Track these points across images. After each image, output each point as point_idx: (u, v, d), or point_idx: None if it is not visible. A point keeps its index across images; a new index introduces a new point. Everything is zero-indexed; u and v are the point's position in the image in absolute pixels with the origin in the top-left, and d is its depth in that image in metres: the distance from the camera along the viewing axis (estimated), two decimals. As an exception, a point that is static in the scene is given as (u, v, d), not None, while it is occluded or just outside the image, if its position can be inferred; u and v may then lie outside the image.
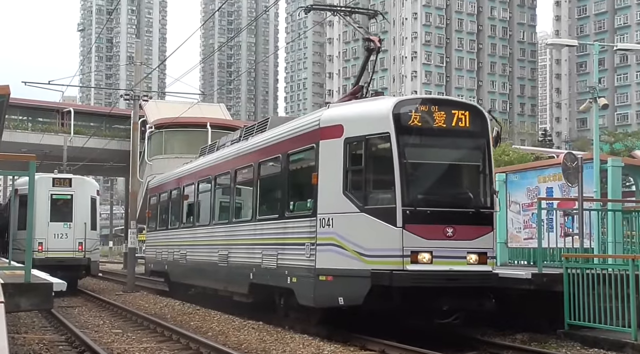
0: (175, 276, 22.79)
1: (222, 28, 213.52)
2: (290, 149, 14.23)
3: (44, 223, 24.51)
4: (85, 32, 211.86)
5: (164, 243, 24.06)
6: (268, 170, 15.70)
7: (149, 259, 26.76)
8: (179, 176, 22.99)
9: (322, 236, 12.61)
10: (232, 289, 17.37)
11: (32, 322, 16.52)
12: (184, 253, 21.26)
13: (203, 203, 20.43)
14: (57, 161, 42.62)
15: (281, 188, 14.62)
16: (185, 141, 41.91)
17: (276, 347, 11.90)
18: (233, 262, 17.00)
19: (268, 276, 14.72)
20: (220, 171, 18.70)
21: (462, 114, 12.41)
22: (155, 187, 26.66)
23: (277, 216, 14.46)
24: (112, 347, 12.55)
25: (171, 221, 23.61)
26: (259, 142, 16.11)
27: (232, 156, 17.92)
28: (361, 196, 12.21)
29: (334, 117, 12.98)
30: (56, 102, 54.64)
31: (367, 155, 12.32)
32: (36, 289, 8.87)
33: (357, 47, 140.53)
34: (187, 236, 21.25)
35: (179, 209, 22.87)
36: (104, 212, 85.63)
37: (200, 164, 21.17)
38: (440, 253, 11.78)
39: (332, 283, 12.37)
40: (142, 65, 31.04)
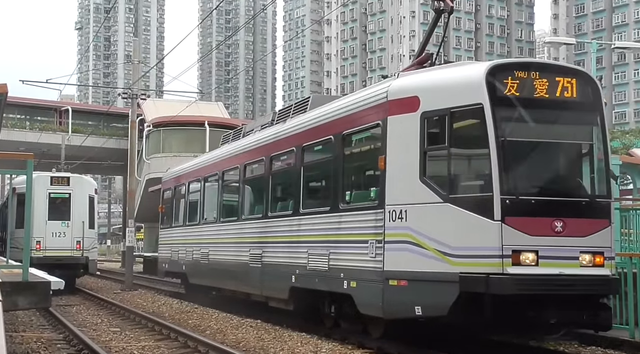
0: (195, 277, 20.64)
1: (220, 26, 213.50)
2: (345, 129, 12.16)
3: (41, 222, 24.49)
4: (83, 31, 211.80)
5: (181, 241, 21.93)
6: (315, 155, 13.73)
7: (162, 259, 24.31)
8: (199, 167, 20.88)
9: (393, 232, 10.61)
10: (268, 293, 15.27)
11: (30, 321, 16.51)
12: (205, 252, 19.22)
13: (229, 196, 18.47)
14: (55, 159, 42.58)
15: (333, 176, 12.58)
16: (183, 139, 41.92)
17: (274, 345, 11.90)
18: (268, 262, 14.96)
19: (316, 280, 12.69)
20: (251, 159, 16.67)
21: (568, 81, 10.27)
22: (169, 180, 24.30)
23: (329, 208, 12.48)
24: (110, 345, 12.55)
25: (189, 217, 21.47)
26: (302, 124, 14.04)
27: (265, 142, 15.82)
28: (444, 183, 10.16)
29: (407, 88, 10.88)
30: (54, 100, 54.67)
31: (452, 132, 10.20)
32: (34, 287, 8.87)
33: (355, 45, 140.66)
34: (209, 233, 19.28)
35: (199, 204, 20.54)
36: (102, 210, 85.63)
37: (224, 152, 18.99)
38: (547, 253, 9.67)
39: (407, 288, 10.39)
40: (140, 64, 31.06)
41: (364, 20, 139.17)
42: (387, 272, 10.63)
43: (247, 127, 18.37)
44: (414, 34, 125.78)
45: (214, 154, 20.10)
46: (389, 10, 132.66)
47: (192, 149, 41.03)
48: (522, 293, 9.50)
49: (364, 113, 11.73)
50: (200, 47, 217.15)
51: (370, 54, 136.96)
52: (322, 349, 11.32)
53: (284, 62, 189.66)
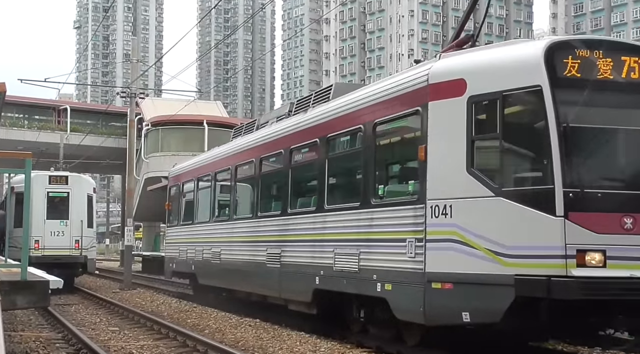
0: (205, 278, 19.42)
1: (219, 25, 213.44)
2: (378, 118, 11.16)
3: (40, 221, 24.47)
4: (81, 30, 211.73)
5: (189, 240, 20.70)
6: (342, 146, 12.79)
7: (169, 258, 23.00)
8: (209, 162, 19.76)
9: (435, 229, 9.64)
10: (287, 296, 14.23)
11: (28, 320, 16.50)
12: (217, 251, 18.10)
13: (243, 192, 17.41)
14: (53, 158, 42.58)
15: (364, 169, 11.58)
16: (182, 138, 41.92)
17: (273, 344, 11.89)
18: (288, 263, 13.93)
19: (344, 282, 11.67)
20: (267, 153, 15.57)
21: (635, 61, 9.19)
22: (177, 176, 22.94)
23: (359, 204, 11.46)
24: (109, 345, 12.54)
25: (199, 215, 20.32)
26: (326, 114, 13.00)
27: (283, 134, 14.73)
28: (496, 174, 9.22)
29: (452, 69, 9.86)
30: (52, 99, 54.67)
31: (505, 118, 9.22)
32: (33, 287, 8.86)
33: (354, 44, 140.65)
34: (221, 231, 18.08)
35: (209, 200, 19.36)
36: (101, 210, 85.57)
37: (237, 146, 17.76)
38: (615, 253, 8.66)
39: (453, 292, 9.39)
40: (138, 63, 31.02)
41: (362, 20, 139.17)
42: (429, 274, 9.64)
43: (261, 120, 17.38)
44: (413, 33, 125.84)
45: (226, 148, 18.82)
46: (387, 10, 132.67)
47: (190, 148, 41.03)
48: (589, 298, 8.54)
49: (399, 99, 10.69)
50: (198, 46, 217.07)
51: (369, 53, 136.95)
52: (321, 349, 11.32)
53: (283, 61, 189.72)
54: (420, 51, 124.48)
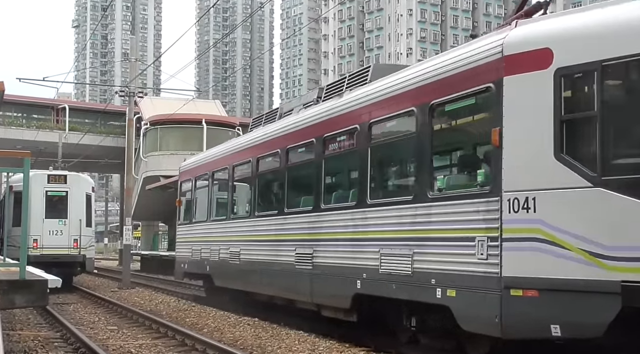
0: (221, 279, 18.00)
1: (217, 24, 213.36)
2: (435, 98, 9.70)
3: (39, 220, 24.47)
4: (80, 29, 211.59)
5: (204, 239, 19.15)
6: (388, 132, 11.31)
7: (181, 259, 21.35)
8: (226, 154, 18.21)
9: (514, 226, 8.22)
10: (321, 301, 12.88)
11: (27, 319, 16.49)
12: (236, 251, 16.62)
13: (266, 187, 16.13)
14: (52, 157, 42.58)
15: (417, 157, 10.17)
16: (180, 137, 41.95)
17: (272, 343, 11.90)
18: (322, 264, 12.52)
19: (393, 286, 10.24)
20: (295, 142, 14.07)
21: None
22: (189, 170, 21.35)
23: (411, 197, 10.08)
24: (108, 344, 12.53)
25: (215, 211, 18.95)
26: (367, 97, 11.52)
27: (314, 121, 13.29)
28: (593, 161, 7.73)
29: (534, 38, 8.39)
30: (51, 98, 54.67)
31: (605, 93, 7.82)
32: (31, 286, 8.84)
33: (352, 43, 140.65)
34: (241, 229, 16.62)
35: (226, 196, 18.15)
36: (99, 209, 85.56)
37: (258, 136, 16.14)
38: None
39: (538, 301, 7.97)
40: (137, 62, 31.01)
41: (361, 19, 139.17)
42: (506, 278, 8.19)
43: (285, 108, 16.09)
44: (411, 32, 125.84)
45: (244, 140, 17.35)
46: (386, 9, 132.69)
47: (189, 147, 41.06)
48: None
49: (464, 76, 9.23)
50: (197, 45, 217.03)
51: (367, 52, 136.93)
52: (320, 348, 11.31)
53: (282, 60, 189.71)
54: (419, 50, 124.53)
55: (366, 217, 11.20)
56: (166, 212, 45.23)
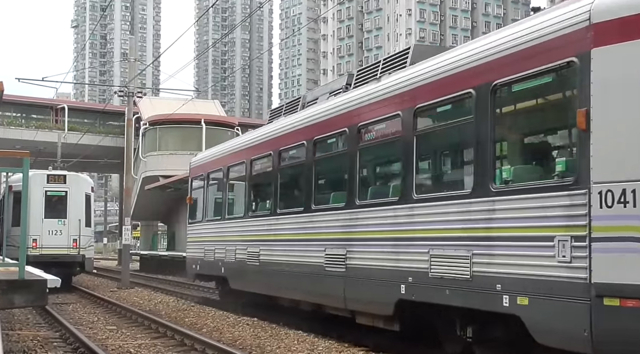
0: (238, 282, 16.77)
1: (216, 24, 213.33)
2: (499, 77, 8.49)
3: (38, 220, 24.48)
4: (79, 29, 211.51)
5: (218, 238, 17.92)
6: (438, 118, 10.18)
7: (192, 259, 20.02)
8: (242, 148, 16.99)
9: (606, 224, 7.06)
10: (357, 307, 11.64)
11: (26, 319, 16.49)
12: (255, 252, 15.37)
13: (290, 181, 14.99)
14: (51, 157, 42.60)
15: (477, 144, 8.82)
16: (179, 137, 41.99)
17: (270, 343, 11.90)
18: (358, 266, 11.29)
19: (446, 292, 9.04)
20: (325, 133, 12.84)
21: None
22: (200, 165, 20.16)
23: (469, 191, 8.87)
24: (107, 343, 12.54)
25: (231, 209, 17.74)
26: (410, 80, 10.30)
27: (347, 109, 12.04)
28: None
29: (629, 1, 7.23)
30: (50, 98, 54.63)
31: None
32: (30, 285, 8.85)
33: (351, 43, 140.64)
34: (261, 228, 15.24)
35: (244, 192, 16.74)
36: (99, 209, 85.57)
37: (280, 127, 14.92)
38: None
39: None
40: (136, 62, 31.01)
41: (360, 19, 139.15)
42: (598, 285, 7.03)
43: (308, 97, 14.99)
44: (410, 32, 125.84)
45: (264, 132, 15.95)
46: (385, 8, 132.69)
47: (188, 147, 41.12)
48: None
49: (537, 50, 8.02)
50: (196, 45, 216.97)
51: (366, 52, 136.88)
52: (319, 347, 11.32)
53: (280, 60, 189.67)
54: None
55: (412, 214, 9.97)
56: (165, 212, 45.30)
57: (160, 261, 39.49)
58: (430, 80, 9.83)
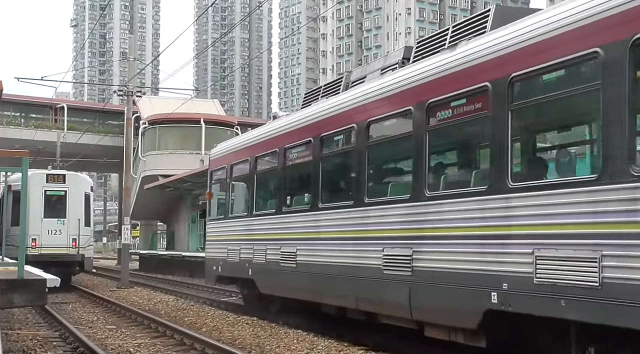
0: (269, 286, 14.88)
1: (216, 24, 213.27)
2: None
3: (37, 219, 24.48)
4: (78, 28, 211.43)
5: (244, 237, 15.98)
6: (546, 89, 8.21)
7: (212, 260, 18.08)
8: (274, 135, 15.00)
9: None
10: (427, 318, 9.85)
11: (25, 318, 16.49)
12: (290, 252, 13.55)
13: (335, 171, 13.18)
14: (50, 157, 42.58)
15: (605, 118, 7.01)
16: (179, 136, 42.00)
17: (270, 342, 11.90)
18: (428, 269, 9.51)
19: (561, 302, 7.33)
20: (381, 114, 10.98)
21: None
22: (223, 157, 18.04)
23: (595, 176, 7.17)
24: (106, 343, 12.53)
25: (259, 204, 15.79)
26: (500, 45, 8.55)
27: (411, 85, 10.19)
28: None
29: None
30: (49, 98, 54.60)
31: None
32: (29, 285, 8.84)
33: (350, 42, 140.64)
34: (298, 224, 13.47)
35: (276, 185, 14.90)
36: (98, 208, 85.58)
37: (320, 111, 13.12)
38: None
39: None
40: (135, 61, 31.01)
41: (359, 18, 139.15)
42: None
43: (353, 75, 13.29)
44: (410, 31, 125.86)
45: (300, 116, 14.02)
46: (384, 8, 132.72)
47: (188, 147, 41.16)
48: None
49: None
50: (195, 45, 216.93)
51: (366, 51, 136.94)
52: (318, 347, 11.31)
53: (280, 59, 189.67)
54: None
55: (508, 207, 8.21)
56: (164, 212, 45.31)
57: (159, 261, 39.51)
58: (533, 42, 7.95)
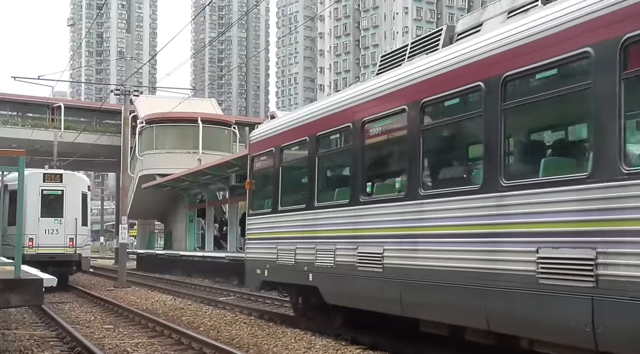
0: (339, 295, 11.91)
1: (213, 23, 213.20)
2: None
3: (34, 219, 24.44)
4: (75, 27, 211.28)
5: (302, 234, 12.92)
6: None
7: (256, 262, 14.97)
8: (346, 106, 11.75)
9: None
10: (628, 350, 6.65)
11: (22, 318, 16.46)
12: (374, 253, 10.56)
13: (446, 148, 10.18)
14: (47, 156, 42.55)
15: None
16: (176, 136, 41.94)
17: (268, 342, 11.88)
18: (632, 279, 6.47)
19: None
20: (526, 64, 7.89)
21: None
22: (267, 139, 15.01)
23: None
24: (104, 342, 12.51)
25: (323, 193, 12.62)
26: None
27: (581, 20, 7.21)
28: None
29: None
30: (46, 97, 54.58)
31: None
32: (26, 285, 8.82)
33: (348, 41, 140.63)
34: (385, 218, 10.42)
35: (352, 169, 11.64)
36: (95, 207, 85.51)
37: (422, 68, 9.85)
38: None
39: None
40: (132, 60, 30.97)
41: (357, 17, 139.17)
42: None
43: (459, 25, 10.40)
44: (407, 30, 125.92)
45: (385, 80, 10.83)
46: (382, 7, 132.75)
47: (185, 146, 41.11)
48: None
49: None
50: (193, 44, 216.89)
51: (363, 50, 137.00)
52: (316, 346, 11.30)
53: (277, 58, 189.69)
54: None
55: None
56: (162, 211, 45.25)
57: (157, 260, 39.47)
58: None
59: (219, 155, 36.95)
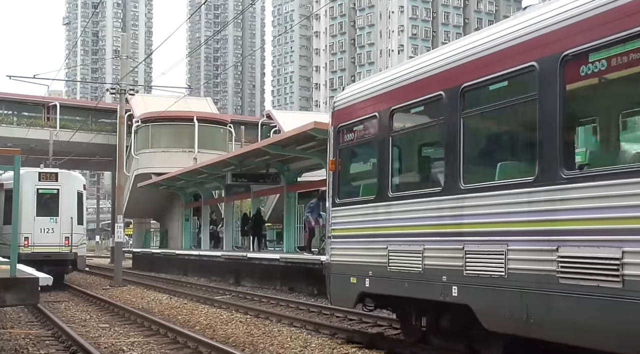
0: (512, 319, 7.60)
1: (209, 22, 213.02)
2: None
3: (30, 218, 24.40)
4: (70, 26, 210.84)
5: (434, 229, 9.07)
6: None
7: (347, 268, 11.07)
8: (524, 39, 7.68)
9: None
10: None
11: (18, 317, 16.44)
12: (605, 258, 6.42)
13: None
14: (43, 155, 42.47)
15: None
16: (172, 134, 41.92)
17: (264, 340, 11.89)
18: None
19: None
20: None
21: None
22: (364, 102, 10.99)
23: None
24: (99, 341, 12.50)
25: (471, 170, 8.78)
26: None
27: None
28: None
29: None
30: (42, 96, 54.49)
31: None
32: (22, 284, 8.82)
33: (344, 40, 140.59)
34: (619, 202, 6.39)
35: (527, 136, 7.94)
36: (91, 206, 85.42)
37: None
38: None
39: None
40: (128, 59, 30.92)
41: (352, 15, 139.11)
42: None
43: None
44: (403, 29, 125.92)
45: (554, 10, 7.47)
46: (377, 5, 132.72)
47: (180, 145, 41.09)
48: None
49: None
50: (188, 43, 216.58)
51: (359, 49, 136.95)
52: (312, 344, 11.32)
53: (273, 57, 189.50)
54: (410, 47, 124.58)
55: None
56: (158, 210, 45.23)
57: (152, 259, 39.47)
58: None
59: (215, 154, 36.94)
